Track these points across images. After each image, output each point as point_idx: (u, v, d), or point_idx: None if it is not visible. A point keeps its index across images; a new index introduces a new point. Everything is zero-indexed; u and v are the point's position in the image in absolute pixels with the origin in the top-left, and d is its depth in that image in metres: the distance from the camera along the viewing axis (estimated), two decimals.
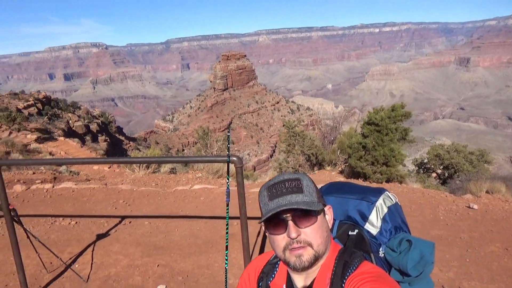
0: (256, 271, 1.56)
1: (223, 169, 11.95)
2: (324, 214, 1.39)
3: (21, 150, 25.72)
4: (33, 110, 74.53)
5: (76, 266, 5.14)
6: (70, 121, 75.07)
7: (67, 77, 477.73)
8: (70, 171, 18.33)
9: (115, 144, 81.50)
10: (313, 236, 1.31)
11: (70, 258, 5.34)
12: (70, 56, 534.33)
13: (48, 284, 4.70)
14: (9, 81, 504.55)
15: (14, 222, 4.20)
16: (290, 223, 1.30)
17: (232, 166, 3.62)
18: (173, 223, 6.60)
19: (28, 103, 77.28)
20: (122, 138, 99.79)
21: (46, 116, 70.70)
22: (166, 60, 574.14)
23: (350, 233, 1.53)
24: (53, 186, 9.34)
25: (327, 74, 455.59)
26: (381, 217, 1.51)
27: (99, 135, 79.53)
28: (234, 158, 3.44)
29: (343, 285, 1.29)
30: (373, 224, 1.52)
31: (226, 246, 3.63)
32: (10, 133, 31.77)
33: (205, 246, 5.66)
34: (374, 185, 8.60)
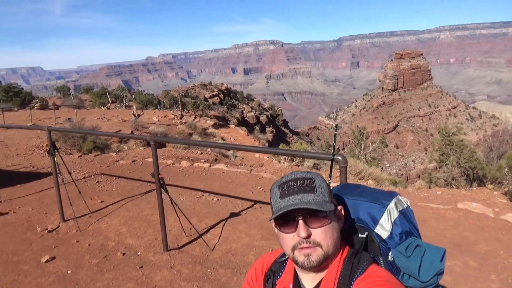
0: (263, 268, 1.59)
1: (366, 171, 11.57)
2: (336, 215, 1.37)
3: (200, 133, 30.45)
4: (216, 99, 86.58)
5: (208, 235, 5.95)
6: (244, 112, 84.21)
7: (246, 71, 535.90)
8: (236, 156, 20.80)
9: (280, 136, 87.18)
10: (323, 237, 1.29)
11: (204, 228, 6.21)
12: (250, 52, 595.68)
13: (184, 245, 5.61)
14: (202, 73, 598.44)
15: (162, 189, 5.17)
16: (301, 222, 1.28)
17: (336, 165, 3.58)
18: None
19: (213, 93, 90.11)
20: (287, 131, 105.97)
21: (226, 106, 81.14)
22: (336, 57, 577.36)
23: (359, 235, 1.48)
24: (210, 166, 10.84)
25: None
26: (392, 221, 1.43)
27: (266, 126, 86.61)
28: (339, 157, 3.39)
29: (351, 287, 1.27)
30: (384, 228, 1.43)
31: None
32: (195, 118, 37.88)
33: None
34: None
